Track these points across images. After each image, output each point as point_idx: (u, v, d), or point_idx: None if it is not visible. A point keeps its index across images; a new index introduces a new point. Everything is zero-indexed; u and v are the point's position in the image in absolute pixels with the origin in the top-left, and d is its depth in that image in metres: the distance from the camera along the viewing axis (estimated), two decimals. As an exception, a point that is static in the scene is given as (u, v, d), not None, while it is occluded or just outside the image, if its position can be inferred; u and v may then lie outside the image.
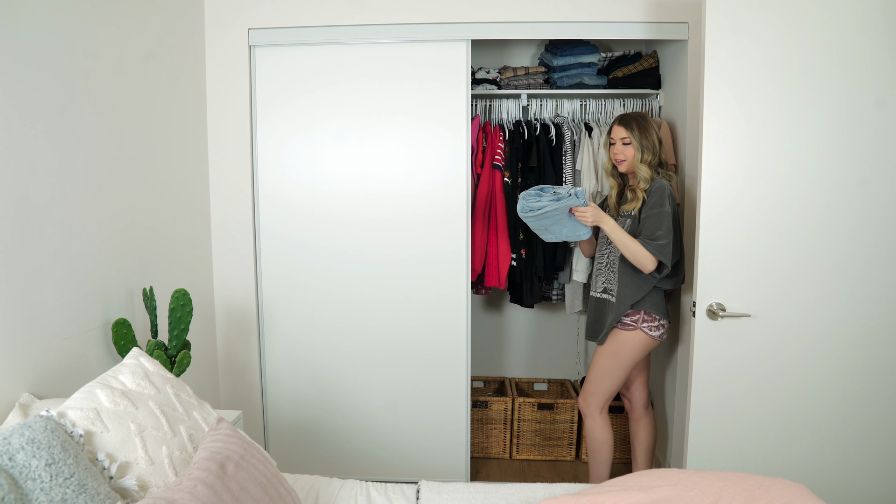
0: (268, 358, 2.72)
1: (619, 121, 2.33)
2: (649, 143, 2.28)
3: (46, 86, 1.63)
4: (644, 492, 1.47)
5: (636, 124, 2.30)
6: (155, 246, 2.18)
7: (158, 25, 2.21)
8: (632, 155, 2.30)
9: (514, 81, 2.91)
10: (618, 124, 2.33)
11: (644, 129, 2.29)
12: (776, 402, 2.10)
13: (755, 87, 1.98)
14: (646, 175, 2.28)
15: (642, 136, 2.28)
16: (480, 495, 1.72)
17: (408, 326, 2.67)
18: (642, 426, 2.56)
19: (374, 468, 2.74)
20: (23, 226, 1.54)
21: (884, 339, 2.05)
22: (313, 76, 2.57)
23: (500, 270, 2.84)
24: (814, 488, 1.60)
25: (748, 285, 2.05)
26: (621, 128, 2.31)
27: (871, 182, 1.99)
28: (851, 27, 1.94)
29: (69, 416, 1.29)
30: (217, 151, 2.60)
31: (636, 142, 2.28)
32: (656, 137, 2.31)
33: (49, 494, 1.10)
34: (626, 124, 2.31)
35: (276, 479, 1.42)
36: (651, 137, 2.29)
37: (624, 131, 2.30)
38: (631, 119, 2.31)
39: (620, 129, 2.31)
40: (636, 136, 2.28)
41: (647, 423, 2.56)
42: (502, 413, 3.07)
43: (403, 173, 2.60)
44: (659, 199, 2.22)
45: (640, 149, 2.28)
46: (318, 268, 2.66)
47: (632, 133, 2.29)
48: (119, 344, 1.80)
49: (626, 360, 2.30)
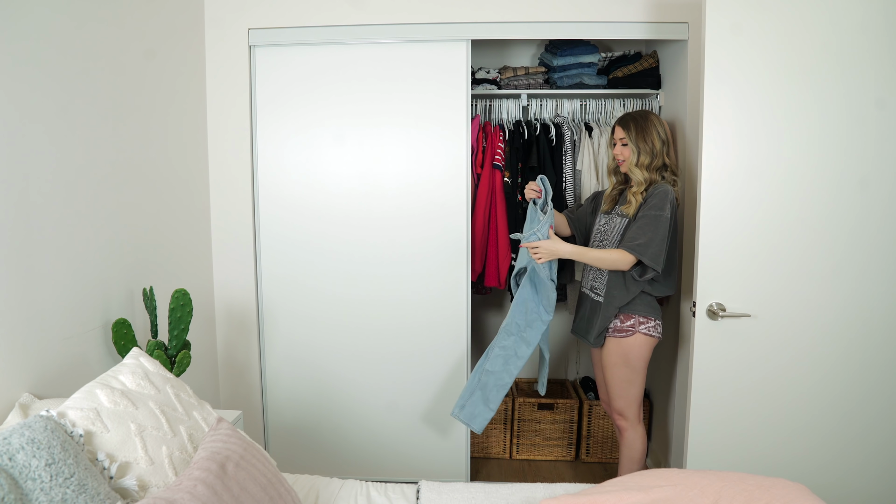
0: (268, 358, 2.72)
1: (619, 121, 2.30)
2: (647, 146, 2.22)
3: (47, 86, 1.63)
4: (644, 492, 1.47)
5: (634, 125, 2.24)
6: (155, 246, 2.18)
7: (158, 25, 2.21)
8: (628, 156, 2.25)
9: (514, 81, 2.91)
10: (617, 124, 2.30)
11: (642, 130, 2.23)
12: (776, 401, 2.10)
13: (755, 87, 1.98)
14: (640, 179, 2.21)
15: (639, 138, 2.22)
16: (480, 495, 1.72)
17: (408, 326, 2.67)
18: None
19: (374, 468, 2.74)
20: (23, 226, 1.54)
21: (884, 339, 2.05)
22: (313, 76, 2.57)
23: (500, 270, 2.84)
24: (814, 488, 1.60)
25: (748, 285, 2.05)
26: (619, 128, 2.28)
27: (871, 182, 1.99)
28: (851, 27, 1.94)
29: (69, 416, 1.29)
30: (217, 151, 2.60)
31: (632, 143, 2.23)
32: (657, 139, 2.22)
33: (49, 494, 1.10)
34: (625, 125, 2.26)
35: (276, 479, 1.42)
36: (650, 139, 2.22)
37: (622, 132, 2.27)
38: (630, 119, 2.26)
39: (619, 130, 2.28)
40: (632, 138, 2.23)
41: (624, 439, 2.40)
42: (502, 413, 3.07)
43: (403, 173, 2.60)
44: (659, 202, 2.15)
45: (636, 151, 2.22)
46: (319, 268, 2.66)
47: (628, 134, 2.24)
48: (119, 344, 1.80)
49: (638, 363, 2.26)
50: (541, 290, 2.32)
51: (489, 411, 2.33)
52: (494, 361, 2.35)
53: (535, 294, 2.34)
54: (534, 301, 2.34)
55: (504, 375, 2.34)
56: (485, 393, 2.34)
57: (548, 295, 2.31)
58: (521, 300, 2.35)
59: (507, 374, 2.34)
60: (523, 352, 2.33)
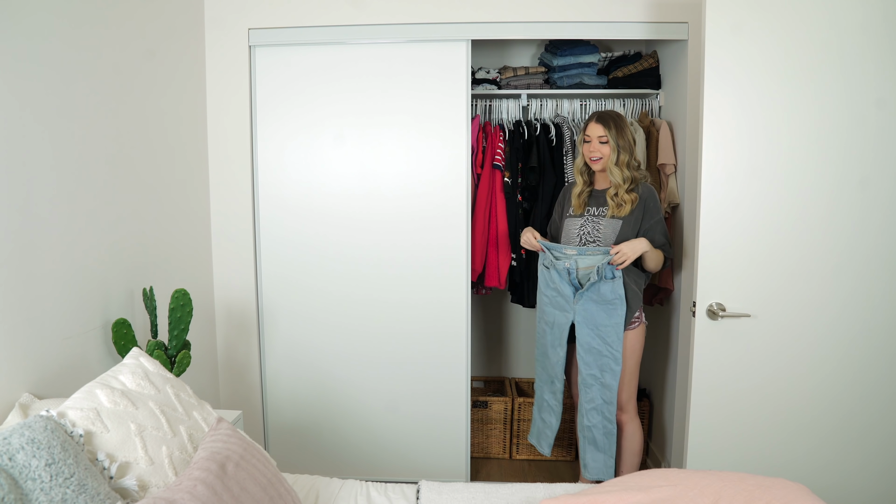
0: (268, 358, 2.72)
1: (597, 118, 2.28)
2: (626, 144, 2.25)
3: (47, 85, 1.63)
4: (644, 492, 1.47)
5: (614, 123, 2.26)
6: (155, 246, 2.18)
7: (159, 26, 2.21)
8: (607, 154, 2.26)
9: (514, 81, 2.91)
10: (595, 122, 2.28)
11: (621, 129, 2.26)
12: (776, 401, 2.10)
13: (755, 87, 1.97)
14: (619, 179, 2.24)
15: (619, 136, 2.25)
16: (480, 495, 1.72)
17: (408, 326, 2.67)
18: None
19: (374, 468, 2.74)
20: (23, 226, 1.54)
21: (884, 338, 2.05)
22: (313, 76, 2.57)
23: (500, 270, 2.84)
24: (814, 488, 1.60)
25: (748, 285, 2.04)
26: (599, 126, 2.26)
27: (871, 182, 1.99)
28: (851, 27, 1.93)
29: (69, 416, 1.29)
30: (217, 151, 2.60)
31: (613, 141, 2.24)
32: (631, 138, 2.29)
33: (49, 494, 1.10)
34: (605, 122, 2.26)
35: (276, 479, 1.42)
36: (627, 138, 2.26)
37: (602, 129, 2.25)
38: (609, 118, 2.27)
39: (598, 127, 2.26)
40: (613, 136, 2.24)
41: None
42: (502, 413, 3.07)
43: (403, 173, 2.60)
44: (656, 206, 2.28)
45: (617, 149, 2.24)
46: (318, 268, 2.66)
47: (609, 132, 2.25)
48: (119, 344, 1.80)
49: (639, 354, 2.33)
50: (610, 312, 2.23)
51: (609, 458, 2.34)
52: (591, 416, 2.33)
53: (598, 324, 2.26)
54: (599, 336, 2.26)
55: (607, 424, 2.32)
56: (596, 446, 2.34)
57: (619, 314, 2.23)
58: (586, 343, 2.27)
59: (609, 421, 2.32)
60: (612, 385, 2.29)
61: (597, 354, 2.28)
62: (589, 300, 2.25)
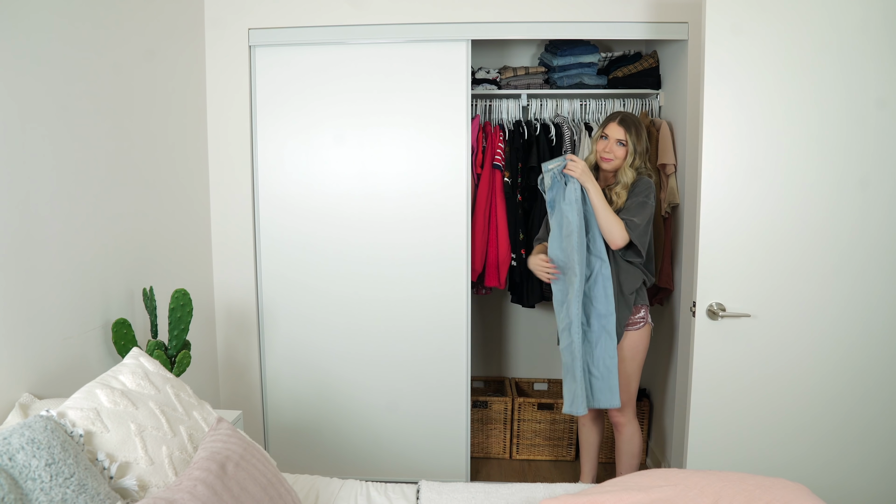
0: (268, 358, 2.72)
1: (620, 121, 2.28)
2: (642, 149, 2.29)
3: (47, 86, 1.63)
4: (644, 492, 1.47)
5: (635, 129, 2.28)
6: (155, 246, 2.18)
7: (158, 26, 2.21)
8: (622, 156, 2.27)
9: (514, 81, 2.90)
10: (617, 123, 2.28)
11: (640, 135, 2.28)
12: (776, 401, 2.10)
13: (755, 87, 1.97)
14: (627, 180, 2.27)
15: (638, 142, 2.27)
16: (480, 495, 1.72)
17: (408, 326, 2.67)
18: None
19: (374, 468, 2.74)
20: (23, 226, 1.54)
21: (884, 338, 2.05)
22: (313, 76, 2.56)
23: (500, 270, 2.84)
24: (814, 488, 1.60)
25: (748, 285, 2.04)
26: (621, 128, 2.26)
27: (871, 182, 1.99)
28: (851, 27, 1.93)
29: (69, 416, 1.29)
30: (217, 151, 2.60)
31: (631, 146, 2.26)
32: (646, 144, 2.33)
33: (49, 494, 1.10)
34: (626, 126, 2.26)
35: (276, 479, 1.42)
36: (644, 143, 2.30)
37: (623, 133, 2.26)
38: (631, 122, 2.28)
39: (619, 130, 2.26)
40: (633, 140, 2.26)
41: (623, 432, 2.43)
42: (502, 413, 3.07)
43: (403, 173, 2.60)
44: (645, 190, 2.24)
45: (634, 153, 2.27)
46: (319, 267, 2.65)
47: (630, 136, 2.26)
48: (119, 344, 1.80)
49: (642, 355, 2.32)
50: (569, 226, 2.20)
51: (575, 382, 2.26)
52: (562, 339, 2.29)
53: None
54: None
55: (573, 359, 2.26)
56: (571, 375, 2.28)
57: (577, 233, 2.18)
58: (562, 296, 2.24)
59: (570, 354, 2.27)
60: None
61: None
62: None
